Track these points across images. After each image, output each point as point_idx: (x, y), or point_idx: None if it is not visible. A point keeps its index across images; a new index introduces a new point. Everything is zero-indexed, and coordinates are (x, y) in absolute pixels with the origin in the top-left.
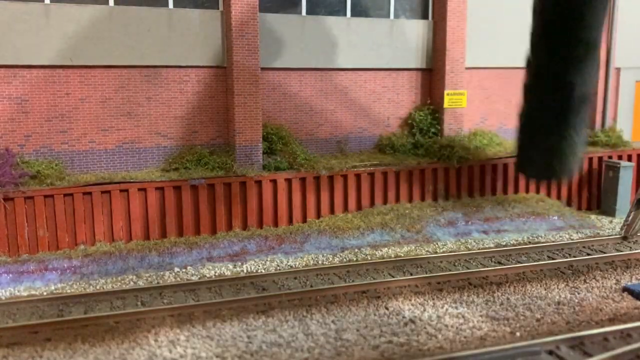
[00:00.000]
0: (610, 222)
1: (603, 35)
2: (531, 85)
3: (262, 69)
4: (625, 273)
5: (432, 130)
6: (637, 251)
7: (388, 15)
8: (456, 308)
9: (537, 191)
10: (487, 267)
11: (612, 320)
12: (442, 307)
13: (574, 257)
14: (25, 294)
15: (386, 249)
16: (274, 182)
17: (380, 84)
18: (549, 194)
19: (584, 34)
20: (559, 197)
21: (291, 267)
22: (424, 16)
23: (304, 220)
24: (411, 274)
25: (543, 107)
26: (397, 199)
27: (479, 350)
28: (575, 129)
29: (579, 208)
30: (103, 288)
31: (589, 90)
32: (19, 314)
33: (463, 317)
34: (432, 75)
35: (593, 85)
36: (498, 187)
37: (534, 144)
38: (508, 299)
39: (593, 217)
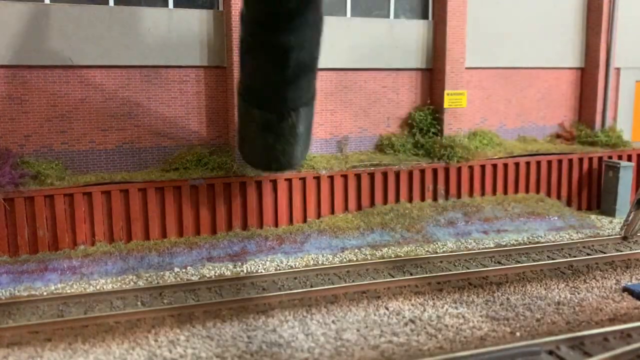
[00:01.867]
0: (610, 222)
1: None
2: (244, 47)
3: None
4: (625, 273)
5: (432, 130)
6: (637, 251)
7: (388, 15)
8: (456, 308)
9: (537, 191)
10: (487, 267)
11: (612, 320)
12: (442, 307)
13: (574, 257)
14: (25, 294)
15: (386, 249)
16: (274, 182)
17: (380, 84)
18: (549, 194)
19: None
20: (559, 197)
21: (291, 267)
22: (424, 16)
23: (304, 220)
24: (411, 274)
25: (257, 77)
26: (397, 199)
27: (479, 350)
28: (294, 105)
29: (579, 208)
30: (103, 288)
31: (309, 56)
32: (19, 314)
33: (463, 317)
34: (432, 75)
35: (316, 53)
36: (498, 187)
37: (251, 125)
38: (508, 299)
39: (593, 217)
